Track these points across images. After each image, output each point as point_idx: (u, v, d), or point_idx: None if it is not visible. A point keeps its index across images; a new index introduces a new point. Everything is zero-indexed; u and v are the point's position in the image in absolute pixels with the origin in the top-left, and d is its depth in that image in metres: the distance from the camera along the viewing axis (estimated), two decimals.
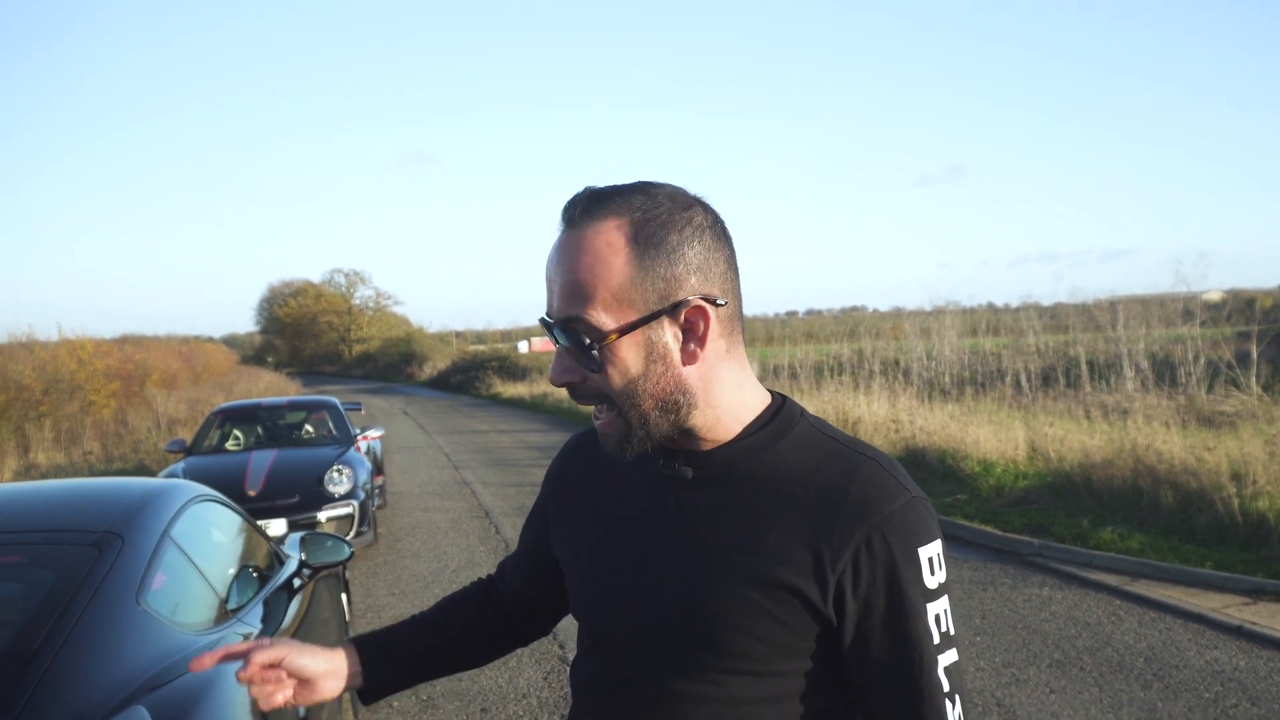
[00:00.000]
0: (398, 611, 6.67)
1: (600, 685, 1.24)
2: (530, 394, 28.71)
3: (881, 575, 1.09)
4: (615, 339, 1.10)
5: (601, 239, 1.10)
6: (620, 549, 1.22)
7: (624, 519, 1.24)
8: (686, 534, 1.16)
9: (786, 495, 1.13)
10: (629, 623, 1.20)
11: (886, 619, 1.09)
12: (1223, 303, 17.96)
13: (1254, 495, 7.12)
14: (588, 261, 1.10)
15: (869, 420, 12.46)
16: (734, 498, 1.15)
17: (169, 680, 2.13)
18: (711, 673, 1.13)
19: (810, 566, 1.09)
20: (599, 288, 1.09)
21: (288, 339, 76.36)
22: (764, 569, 1.11)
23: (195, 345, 41.55)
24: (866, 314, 45.62)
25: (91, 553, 2.40)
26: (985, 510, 8.69)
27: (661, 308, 1.10)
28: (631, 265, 1.09)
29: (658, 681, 1.17)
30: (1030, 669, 5.03)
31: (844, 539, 1.09)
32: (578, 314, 1.10)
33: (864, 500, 1.10)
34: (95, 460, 15.61)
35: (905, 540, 1.09)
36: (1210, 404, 11.68)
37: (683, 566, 1.15)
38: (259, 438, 10.10)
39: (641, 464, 1.23)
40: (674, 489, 1.19)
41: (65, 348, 19.91)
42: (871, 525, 1.09)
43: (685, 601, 1.14)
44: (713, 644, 1.12)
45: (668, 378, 1.12)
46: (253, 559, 3.43)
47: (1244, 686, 4.68)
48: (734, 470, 1.16)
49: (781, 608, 1.10)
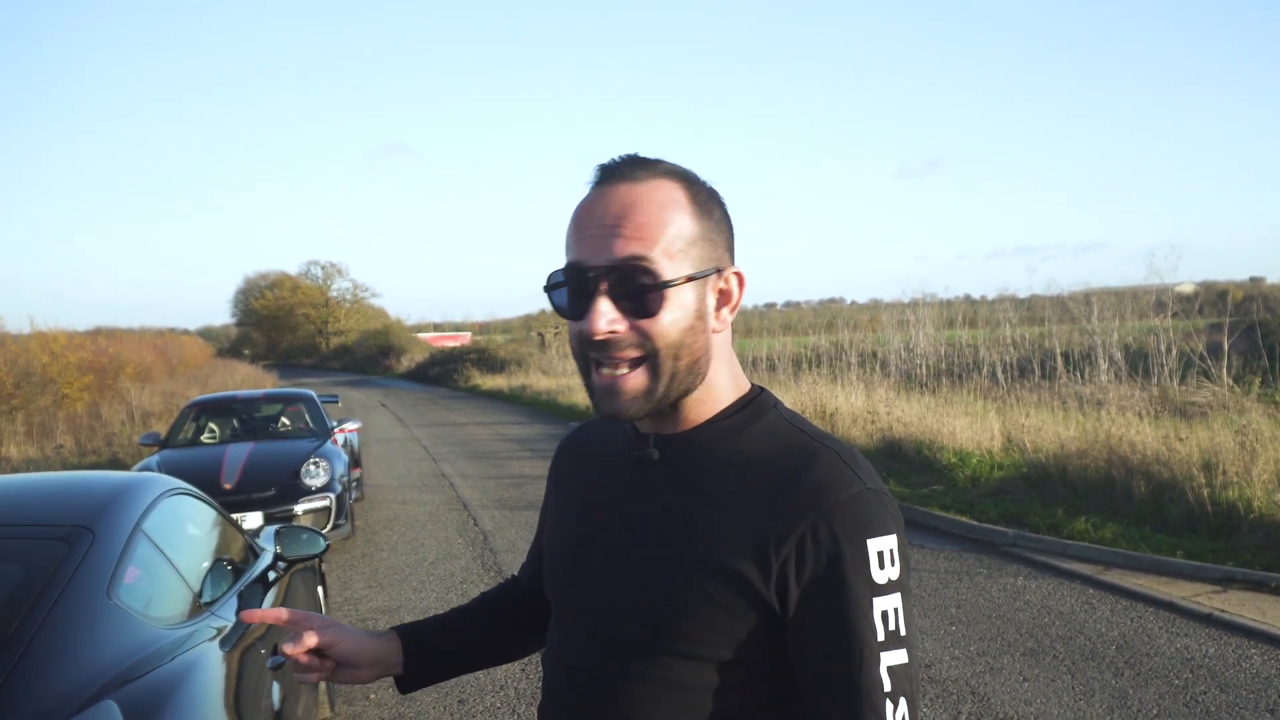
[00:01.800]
0: (375, 604, 6.65)
1: (562, 663, 1.26)
2: (509, 386, 28.65)
3: (825, 564, 1.06)
4: (683, 282, 1.11)
5: (665, 193, 1.13)
6: (586, 531, 1.25)
7: (594, 502, 1.26)
8: (645, 517, 1.18)
9: (742, 481, 1.13)
10: (588, 603, 1.21)
11: (828, 609, 1.07)
12: (1195, 295, 18.17)
13: (1224, 485, 7.20)
14: (655, 209, 1.12)
15: (846, 411, 12.51)
16: (694, 482, 1.16)
17: (140, 674, 2.12)
18: (662, 656, 1.13)
19: (754, 551, 1.08)
20: (665, 235, 1.11)
21: (264, 331, 75.79)
22: (711, 554, 1.10)
23: (170, 338, 41.14)
24: (844, 306, 45.75)
25: (61, 547, 2.38)
26: (961, 501, 8.75)
27: (712, 267, 1.15)
28: (695, 222, 1.14)
29: (612, 662, 1.17)
30: (1004, 657, 5.08)
31: (790, 525, 1.07)
32: (645, 254, 1.10)
33: (814, 487, 1.09)
34: (68, 454, 15.44)
35: (853, 530, 1.07)
36: (1182, 395, 11.80)
37: (638, 549, 1.16)
38: (235, 430, 10.03)
39: (615, 451, 1.27)
40: (640, 471, 1.21)
41: (37, 340, 19.69)
42: (819, 512, 1.07)
43: (638, 584, 1.15)
44: (662, 628, 1.12)
45: (703, 338, 1.15)
46: (227, 552, 3.41)
47: (1213, 673, 4.74)
48: (698, 453, 1.17)
49: (726, 594, 1.09)
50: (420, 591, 6.93)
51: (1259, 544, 6.49)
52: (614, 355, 1.12)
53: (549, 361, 32.08)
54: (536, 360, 33.29)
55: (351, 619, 6.33)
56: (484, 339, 50.22)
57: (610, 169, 1.15)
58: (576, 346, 1.16)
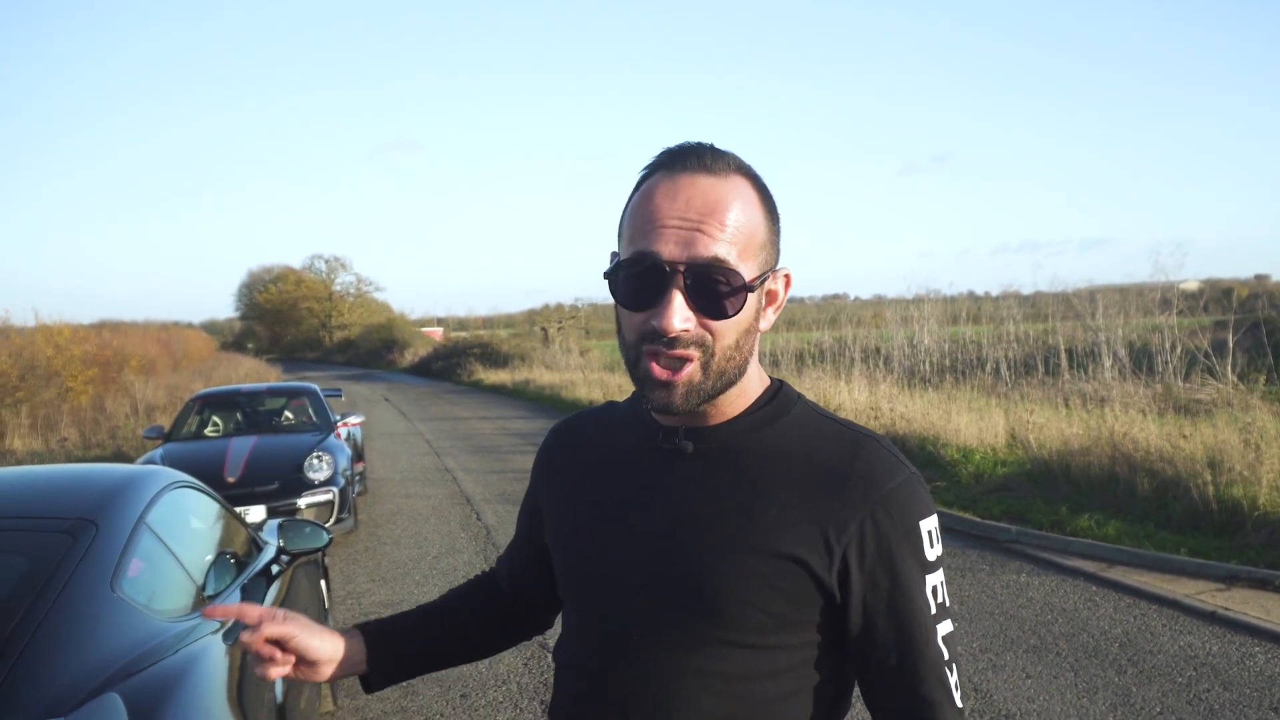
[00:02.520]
0: (377, 598, 6.66)
1: (594, 665, 1.21)
2: (512, 381, 28.66)
3: (886, 549, 1.12)
4: (759, 282, 1.13)
5: (743, 193, 1.13)
6: (613, 528, 1.21)
7: (615, 499, 1.23)
8: (682, 509, 1.16)
9: (786, 471, 1.14)
10: (626, 601, 1.18)
11: (891, 592, 1.12)
12: (1200, 292, 18.08)
13: (1228, 483, 7.18)
14: (740, 209, 1.12)
15: (850, 407, 12.50)
16: (732, 472, 1.16)
17: (144, 667, 2.11)
18: (713, 646, 1.13)
19: (816, 539, 1.11)
20: (745, 237, 1.12)
21: (268, 325, 75.86)
22: (766, 541, 1.11)
23: (174, 331, 41.20)
24: (848, 302, 45.66)
25: (65, 539, 2.38)
26: (964, 497, 8.74)
27: (769, 269, 1.17)
28: (766, 224, 1.16)
29: (658, 658, 1.15)
30: (1007, 654, 5.07)
31: (849, 514, 1.11)
32: (729, 257, 1.10)
33: (868, 476, 1.12)
34: (73, 447, 15.48)
35: (907, 515, 1.13)
36: (1187, 392, 11.77)
37: (680, 541, 1.15)
38: (238, 424, 10.04)
39: (630, 443, 1.25)
40: (669, 464, 1.19)
41: (42, 333, 19.70)
42: (875, 500, 1.12)
43: (684, 576, 1.14)
44: (714, 616, 1.12)
45: (753, 338, 1.17)
46: (230, 546, 3.41)
47: (1217, 671, 4.73)
48: (732, 445, 1.17)
49: (784, 578, 1.11)
50: (423, 585, 6.93)
51: (1263, 542, 6.48)
52: (677, 351, 1.11)
53: (552, 356, 32.10)
54: (540, 355, 33.29)
55: (354, 613, 6.34)
56: (487, 333, 50.20)
57: (689, 155, 1.13)
58: (634, 337, 1.13)
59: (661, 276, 1.09)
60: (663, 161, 1.15)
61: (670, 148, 1.16)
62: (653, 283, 1.10)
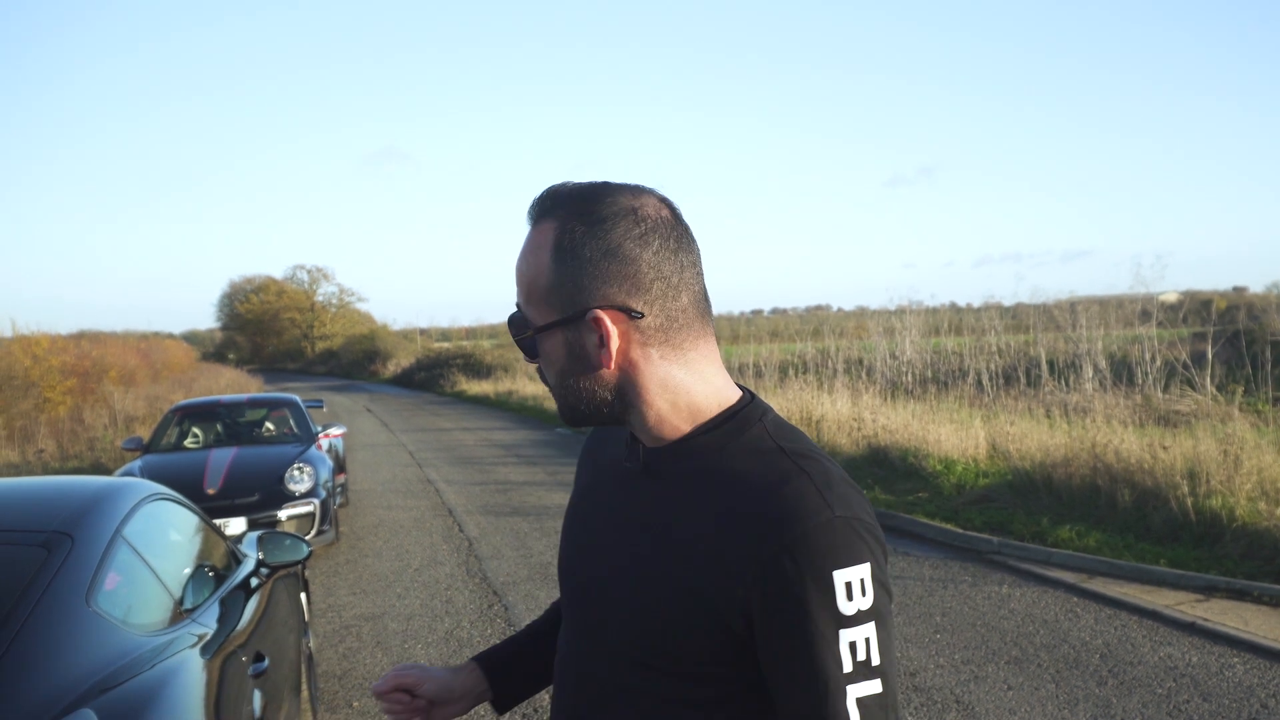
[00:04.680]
0: (359, 611, 6.62)
1: (569, 665, 1.27)
2: (495, 391, 28.61)
3: (787, 596, 1.03)
4: (532, 335, 1.17)
5: (536, 239, 1.15)
6: (585, 536, 1.27)
7: (593, 506, 1.28)
8: (635, 529, 1.17)
9: (720, 503, 1.10)
10: (586, 608, 1.23)
11: (790, 642, 1.04)
12: (1179, 304, 18.26)
13: (1207, 494, 7.23)
14: (524, 258, 1.16)
15: (832, 419, 12.53)
16: (677, 497, 1.14)
17: (119, 682, 2.09)
18: (644, 669, 1.14)
19: (723, 581, 1.06)
20: (529, 285, 1.16)
21: (249, 336, 75.50)
22: (685, 574, 1.09)
23: (154, 341, 40.90)
24: (831, 313, 45.92)
25: (40, 553, 2.35)
26: (946, 508, 8.76)
27: (575, 312, 1.13)
28: (554, 266, 1.13)
29: (605, 670, 1.19)
30: (989, 666, 5.08)
31: (754, 553, 1.04)
32: (519, 302, 1.19)
33: (780, 515, 1.04)
34: (50, 459, 15.33)
35: (816, 562, 1.02)
36: (1166, 404, 11.87)
37: (623, 562, 1.17)
38: (218, 435, 9.97)
39: (616, 455, 1.27)
40: (630, 480, 1.21)
41: (19, 344, 19.55)
42: (782, 544, 1.03)
43: (623, 597, 1.16)
44: (644, 641, 1.13)
45: (589, 378, 1.15)
46: (209, 558, 3.39)
47: (1196, 682, 4.75)
48: (680, 468, 1.15)
49: (699, 617, 1.08)
50: (404, 598, 6.90)
51: (1242, 553, 6.53)
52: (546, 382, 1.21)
53: (534, 368, 32.00)
54: (523, 366, 33.21)
55: (335, 625, 6.30)
56: (470, 344, 50.06)
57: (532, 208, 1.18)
58: None
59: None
60: None
61: None
62: None
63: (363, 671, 5.44)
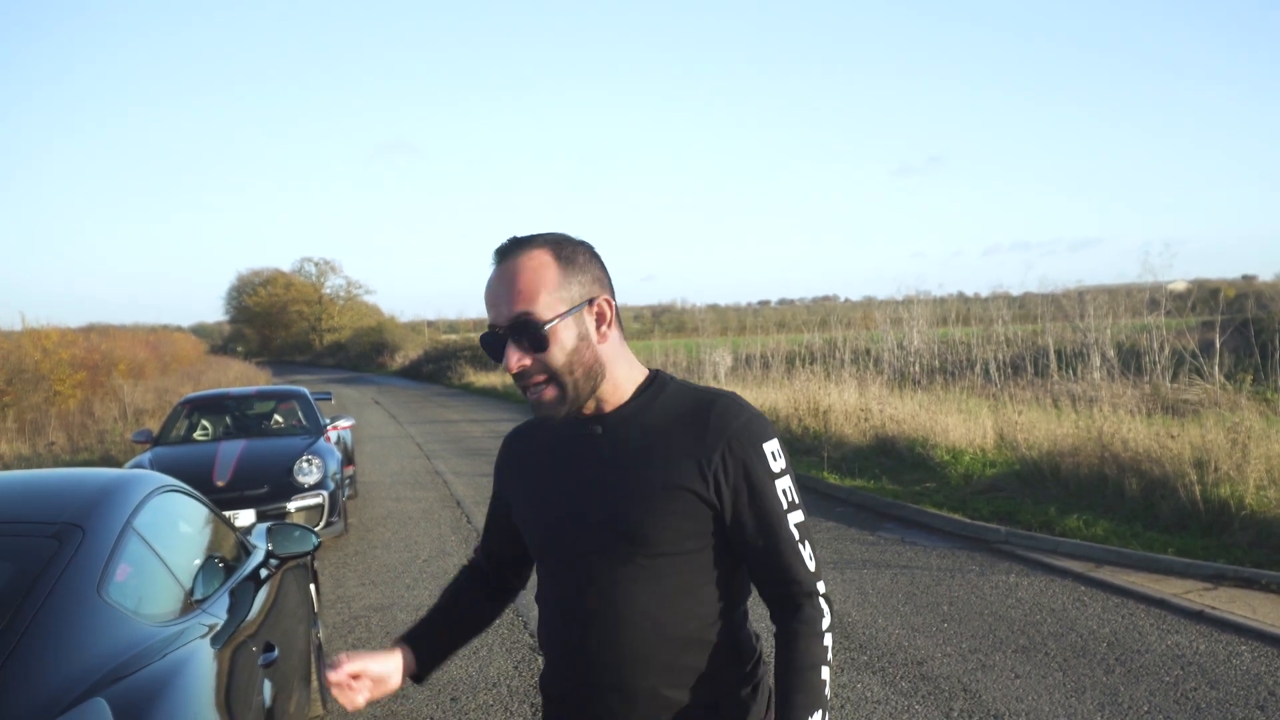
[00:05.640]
0: (368, 602, 6.65)
1: (561, 595, 1.65)
2: (503, 383, 28.62)
3: (741, 466, 1.57)
4: (557, 322, 1.54)
5: (535, 260, 1.55)
6: (561, 493, 1.65)
7: (558, 474, 1.67)
8: (606, 469, 1.61)
9: (670, 429, 1.60)
10: (577, 541, 1.61)
11: (750, 496, 1.58)
12: (1187, 293, 18.15)
13: (1215, 482, 7.23)
14: (529, 275, 1.54)
15: (839, 409, 12.53)
16: (635, 438, 1.61)
17: (131, 672, 2.11)
18: (640, 558, 1.57)
19: (694, 471, 1.56)
20: (541, 290, 1.54)
21: (257, 328, 75.72)
22: (666, 478, 1.56)
23: (163, 334, 41.06)
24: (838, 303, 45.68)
25: (52, 544, 2.37)
26: (954, 498, 8.77)
27: (582, 301, 1.57)
28: (559, 275, 1.56)
29: (603, 575, 1.59)
30: (996, 654, 5.09)
31: (713, 447, 1.57)
32: (527, 310, 1.53)
33: (721, 420, 1.58)
34: (60, 451, 15.40)
35: (752, 441, 1.58)
36: (1174, 393, 11.82)
37: (609, 490, 1.59)
38: (227, 428, 10.01)
39: (562, 435, 1.68)
40: (591, 443, 1.64)
41: (29, 337, 19.63)
42: (729, 436, 1.57)
43: (615, 513, 1.58)
44: (640, 537, 1.57)
45: (590, 353, 1.58)
46: (218, 550, 3.41)
47: (1204, 670, 4.76)
48: (631, 421, 1.63)
49: (679, 503, 1.56)
50: (413, 589, 6.93)
51: (1250, 541, 6.52)
52: (531, 381, 1.57)
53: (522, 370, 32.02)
54: None
55: (344, 616, 6.33)
56: (478, 335, 50.00)
57: (498, 252, 1.58)
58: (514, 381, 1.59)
59: (496, 338, 1.57)
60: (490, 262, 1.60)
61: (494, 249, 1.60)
62: (493, 343, 1.58)
63: None
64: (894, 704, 4.53)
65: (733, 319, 35.21)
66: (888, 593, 6.29)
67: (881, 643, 5.36)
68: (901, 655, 5.16)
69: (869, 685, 4.77)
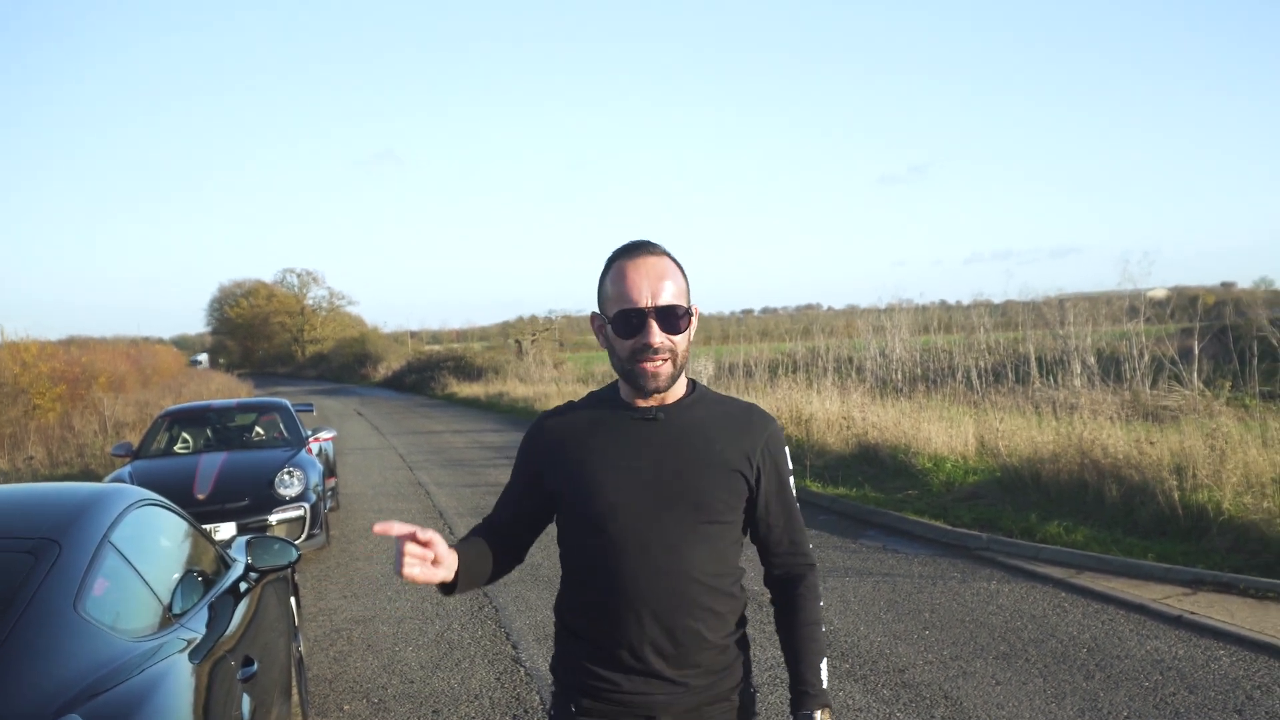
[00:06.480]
0: (350, 614, 6.62)
1: (620, 559, 1.91)
2: (485, 394, 28.59)
3: (773, 460, 2.03)
4: (691, 316, 1.96)
5: (672, 265, 1.95)
6: (630, 466, 1.94)
7: (622, 451, 1.95)
8: (669, 448, 1.95)
9: (718, 424, 2.00)
10: (650, 506, 1.91)
11: (777, 482, 2.04)
12: (1167, 300, 18.28)
13: (1194, 488, 7.28)
14: (677, 274, 1.95)
15: (821, 418, 12.56)
16: (688, 428, 1.97)
17: (107, 688, 2.10)
18: (699, 522, 1.94)
19: (743, 458, 1.98)
20: (684, 290, 1.95)
21: (239, 340, 75.34)
22: (723, 460, 1.96)
23: (144, 346, 40.72)
24: (821, 312, 45.92)
25: (27, 559, 2.36)
26: (935, 505, 8.80)
27: (689, 309, 1.96)
28: (686, 283, 1.97)
29: (673, 532, 1.92)
30: (977, 661, 5.11)
31: (756, 443, 2.01)
32: (680, 302, 1.92)
33: (761, 422, 2.05)
34: (39, 465, 15.27)
35: (781, 442, 2.07)
36: (1154, 399, 11.91)
37: (672, 463, 1.93)
38: (208, 440, 9.95)
39: (612, 418, 1.99)
40: (649, 428, 1.97)
41: (8, 350, 19.45)
42: (768, 435, 2.04)
43: (681, 486, 1.93)
44: (700, 505, 1.93)
45: (689, 349, 1.96)
46: (198, 563, 3.39)
47: (1183, 675, 4.79)
48: (686, 413, 1.99)
49: (732, 480, 1.97)
50: (395, 601, 6.90)
51: (1228, 546, 6.57)
52: (658, 356, 1.89)
53: (526, 369, 32.04)
54: (514, 368, 33.23)
55: (326, 629, 6.30)
56: (461, 346, 49.99)
57: (642, 246, 1.95)
58: (627, 354, 1.91)
59: (643, 315, 1.89)
60: (624, 251, 1.95)
61: (626, 244, 1.96)
62: (638, 320, 1.89)
63: (353, 675, 5.45)
64: (876, 712, 4.55)
65: (716, 328, 35.20)
66: (869, 600, 6.31)
67: (863, 650, 5.38)
68: (883, 663, 5.17)
69: (851, 693, 4.78)
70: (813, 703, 1.96)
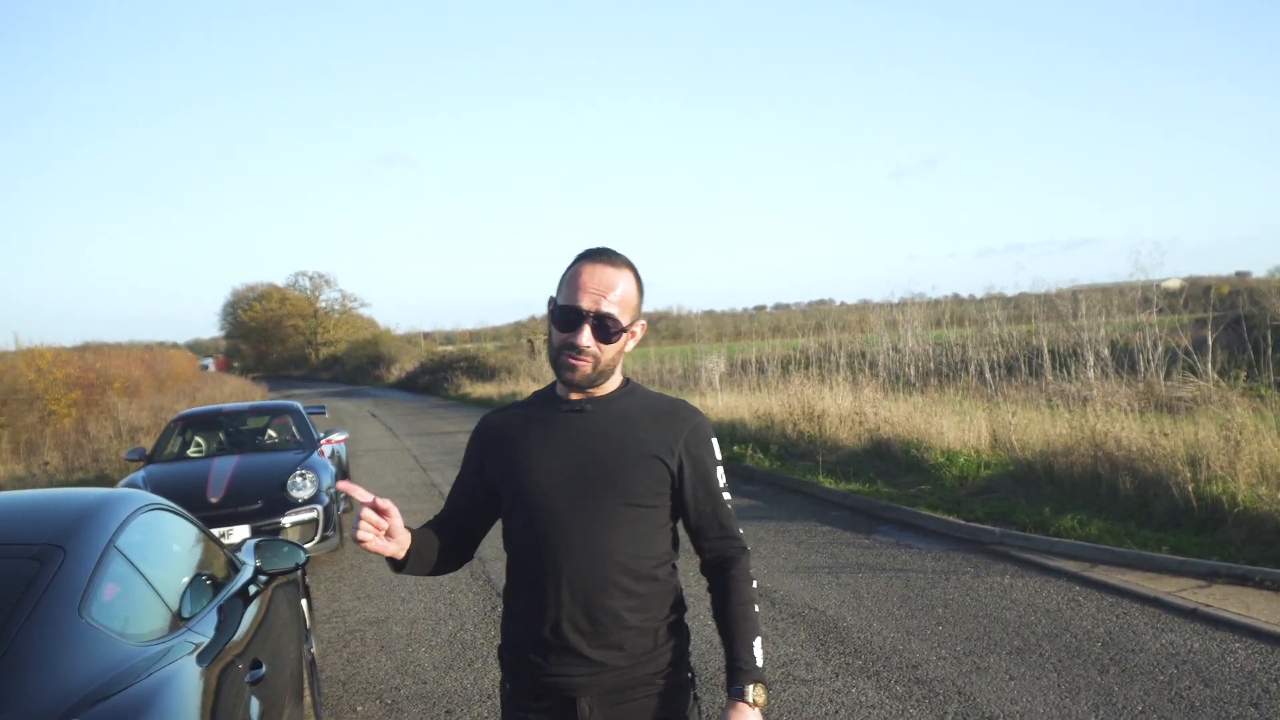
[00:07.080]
0: (363, 615, 6.64)
1: (544, 539, 2.03)
2: (499, 393, 28.64)
3: (696, 451, 2.11)
4: (625, 332, 2.05)
5: (630, 279, 2.07)
6: (558, 454, 2.06)
7: (551, 442, 2.08)
8: (594, 437, 2.07)
9: (643, 417, 2.11)
10: (569, 491, 2.03)
11: (703, 473, 2.12)
12: (1181, 290, 18.21)
13: (1209, 480, 7.22)
14: (627, 288, 2.05)
15: (834, 413, 12.52)
16: (616, 419, 2.09)
17: (113, 693, 2.11)
18: (618, 507, 2.03)
19: (664, 447, 2.08)
20: (629, 305, 2.05)
21: (253, 343, 75.68)
22: (644, 449, 2.07)
23: (158, 351, 40.95)
24: (834, 307, 45.82)
25: (33, 565, 2.37)
26: (948, 500, 8.76)
27: (635, 323, 2.10)
28: (637, 299, 2.09)
29: (595, 516, 2.02)
30: (991, 656, 5.09)
31: (677, 434, 2.10)
32: (621, 315, 2.02)
33: (684, 416, 2.14)
34: (55, 471, 15.36)
35: (706, 433, 2.16)
36: (1168, 390, 11.81)
37: (598, 451, 2.05)
38: (221, 444, 10.00)
39: (545, 413, 2.12)
40: (577, 419, 2.09)
41: (23, 357, 19.60)
42: (690, 427, 2.13)
43: (602, 469, 2.04)
44: (621, 489, 2.03)
45: (619, 357, 2.08)
46: (206, 567, 3.40)
47: (1198, 668, 4.75)
48: (613, 406, 2.11)
49: (653, 468, 2.06)
50: (409, 602, 6.92)
51: (1243, 538, 6.52)
52: (579, 356, 2.01)
53: (538, 368, 32.03)
54: (526, 367, 33.25)
55: (339, 630, 6.32)
56: (474, 347, 50.09)
57: (601, 254, 2.06)
58: (558, 344, 2.03)
59: (580, 316, 2.00)
60: (590, 254, 2.06)
61: (596, 248, 2.07)
62: (575, 319, 2.01)
63: (367, 676, 5.46)
64: (889, 708, 4.53)
65: (729, 325, 35.24)
66: (882, 596, 6.28)
67: (876, 647, 5.36)
68: (896, 659, 5.15)
69: (864, 690, 4.76)
70: (745, 678, 2.00)
